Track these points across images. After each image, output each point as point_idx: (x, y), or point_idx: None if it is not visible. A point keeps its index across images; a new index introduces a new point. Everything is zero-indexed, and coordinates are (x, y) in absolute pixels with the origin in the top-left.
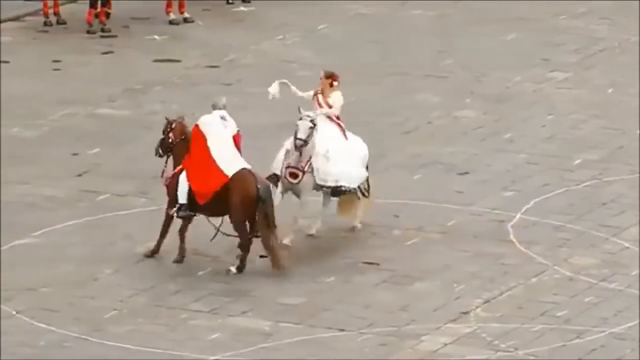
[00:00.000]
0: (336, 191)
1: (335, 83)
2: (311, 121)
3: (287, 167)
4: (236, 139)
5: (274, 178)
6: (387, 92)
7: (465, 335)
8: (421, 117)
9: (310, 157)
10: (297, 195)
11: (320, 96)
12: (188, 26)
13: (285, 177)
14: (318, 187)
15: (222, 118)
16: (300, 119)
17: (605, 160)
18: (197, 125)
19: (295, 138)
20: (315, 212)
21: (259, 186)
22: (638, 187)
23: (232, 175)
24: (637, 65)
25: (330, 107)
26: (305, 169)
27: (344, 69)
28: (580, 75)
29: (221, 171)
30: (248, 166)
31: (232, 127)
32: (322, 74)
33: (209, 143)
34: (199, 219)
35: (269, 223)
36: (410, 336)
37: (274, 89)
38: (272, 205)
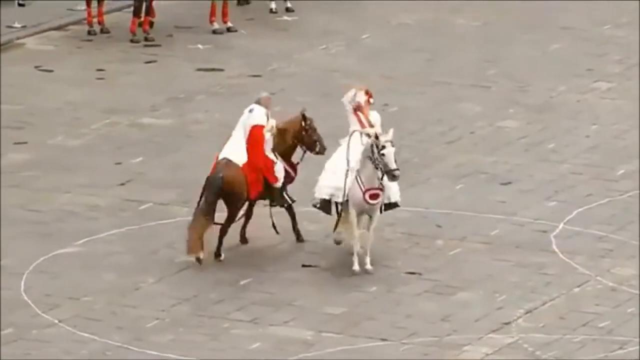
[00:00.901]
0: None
1: (371, 100)
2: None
3: (367, 190)
4: (252, 132)
5: (325, 203)
6: (431, 102)
7: (507, 345)
8: (465, 127)
9: (383, 176)
10: (370, 214)
11: (361, 114)
12: (231, 35)
13: (365, 201)
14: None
15: (250, 110)
16: (384, 147)
17: None
18: None
19: (390, 170)
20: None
21: (210, 175)
22: None
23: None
24: None
25: (372, 125)
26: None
27: (387, 78)
28: (624, 86)
29: None
30: (231, 157)
31: (253, 120)
32: (362, 90)
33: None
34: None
35: (201, 209)
36: (452, 346)
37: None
38: (211, 194)
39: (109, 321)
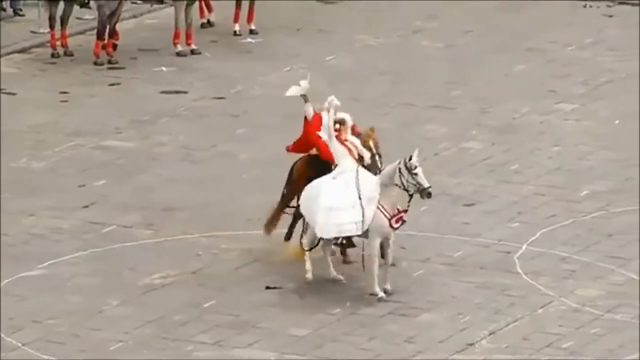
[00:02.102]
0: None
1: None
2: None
3: (392, 216)
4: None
5: (348, 238)
6: (396, 123)
7: None
8: (429, 148)
9: (411, 198)
10: (388, 238)
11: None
12: (195, 58)
13: (391, 227)
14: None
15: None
16: (416, 167)
17: (612, 191)
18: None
19: (425, 189)
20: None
21: None
22: None
23: None
24: None
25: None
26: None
27: (352, 100)
28: (588, 107)
29: None
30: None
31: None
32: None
33: None
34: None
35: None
36: None
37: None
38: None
39: (72, 344)
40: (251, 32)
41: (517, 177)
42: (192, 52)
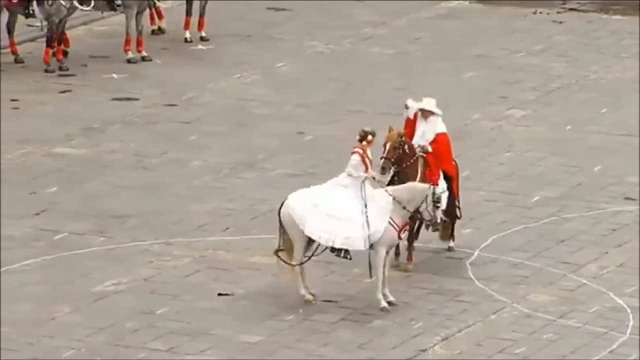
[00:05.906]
0: None
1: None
2: None
3: (401, 229)
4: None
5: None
6: (345, 130)
7: None
8: (379, 155)
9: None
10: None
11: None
12: (146, 64)
13: (399, 238)
14: None
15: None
16: (440, 201)
17: (564, 197)
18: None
19: (436, 223)
20: None
21: None
22: (596, 224)
23: None
24: (595, 103)
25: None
26: None
27: (302, 106)
28: (539, 113)
29: None
30: None
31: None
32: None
33: None
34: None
35: None
36: None
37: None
38: None
39: (24, 352)
40: (202, 39)
41: (469, 184)
42: (143, 59)
